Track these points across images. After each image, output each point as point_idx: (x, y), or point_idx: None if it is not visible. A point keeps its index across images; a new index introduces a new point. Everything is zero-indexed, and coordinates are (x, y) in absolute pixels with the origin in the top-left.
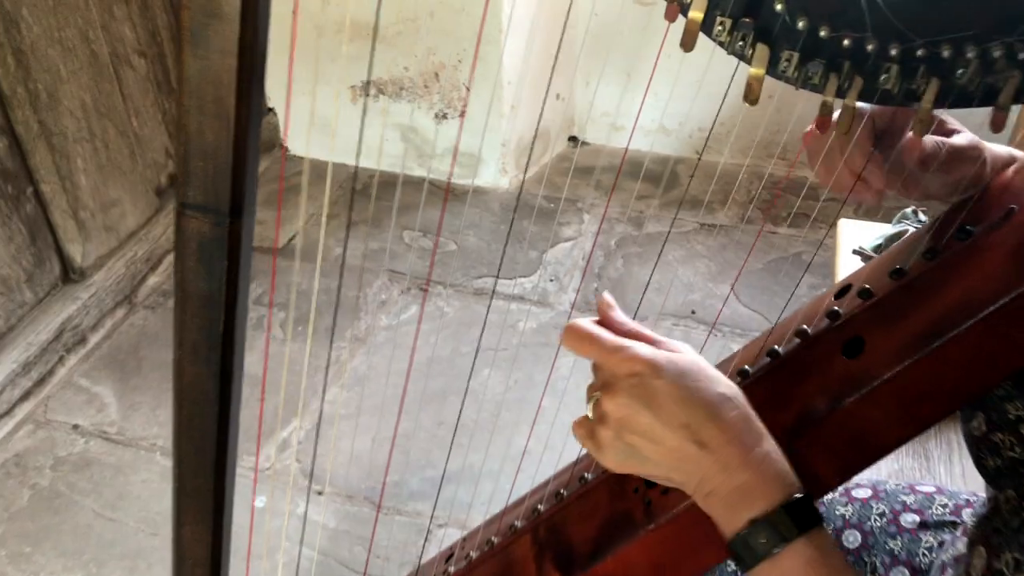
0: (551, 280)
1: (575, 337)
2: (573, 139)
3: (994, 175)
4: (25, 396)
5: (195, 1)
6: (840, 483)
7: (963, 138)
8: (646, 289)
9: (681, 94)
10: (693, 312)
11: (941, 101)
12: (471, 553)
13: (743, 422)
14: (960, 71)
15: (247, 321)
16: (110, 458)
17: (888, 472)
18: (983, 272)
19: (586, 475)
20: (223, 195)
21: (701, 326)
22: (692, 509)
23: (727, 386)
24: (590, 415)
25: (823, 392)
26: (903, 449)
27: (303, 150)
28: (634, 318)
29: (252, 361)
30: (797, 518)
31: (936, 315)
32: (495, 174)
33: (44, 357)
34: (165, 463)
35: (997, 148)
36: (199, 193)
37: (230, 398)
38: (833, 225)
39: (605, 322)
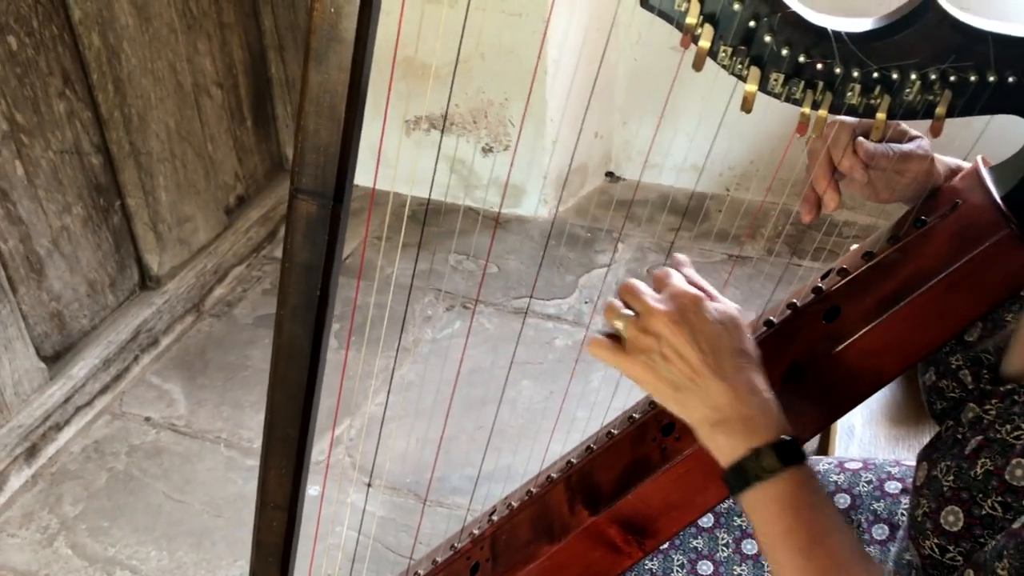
0: (586, 302)
1: (627, 290)
2: (610, 174)
3: (945, 182)
4: (104, 390)
5: (321, 27)
6: (820, 428)
7: (912, 143)
8: None
9: (710, 135)
10: None
11: (894, 113)
12: (512, 503)
13: (753, 370)
14: (906, 90)
15: (337, 289)
16: (178, 447)
17: (884, 460)
18: (932, 251)
19: (612, 431)
20: (329, 183)
21: None
22: (698, 452)
23: (749, 344)
24: (621, 329)
25: (807, 351)
26: (899, 443)
27: (360, 179)
28: None
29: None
30: (792, 452)
31: (895, 286)
32: (536, 204)
33: (121, 355)
34: (228, 454)
35: (947, 160)
36: (310, 181)
37: (319, 354)
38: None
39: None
